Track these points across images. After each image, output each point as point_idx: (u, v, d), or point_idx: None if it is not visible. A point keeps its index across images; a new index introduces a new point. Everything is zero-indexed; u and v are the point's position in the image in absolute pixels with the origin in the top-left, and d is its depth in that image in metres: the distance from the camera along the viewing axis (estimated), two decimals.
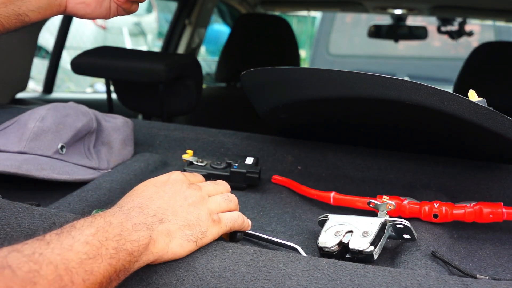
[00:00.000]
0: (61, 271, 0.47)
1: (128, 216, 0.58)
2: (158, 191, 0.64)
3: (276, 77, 0.95)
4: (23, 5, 0.69)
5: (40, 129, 0.95)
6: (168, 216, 0.61)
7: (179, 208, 0.63)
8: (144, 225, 0.58)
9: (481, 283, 0.59)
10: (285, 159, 1.11)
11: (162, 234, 0.59)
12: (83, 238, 0.51)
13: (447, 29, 3.36)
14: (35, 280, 0.45)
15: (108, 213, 0.57)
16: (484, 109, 0.79)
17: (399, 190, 1.00)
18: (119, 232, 0.54)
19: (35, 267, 0.45)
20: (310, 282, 0.58)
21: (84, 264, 0.49)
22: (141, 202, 0.62)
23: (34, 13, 0.71)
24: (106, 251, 0.52)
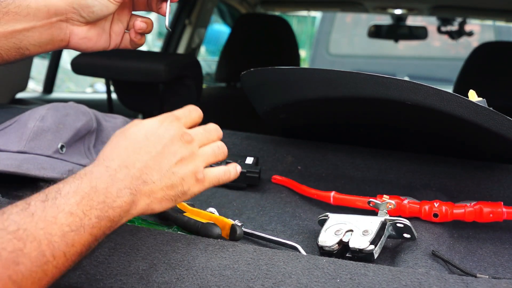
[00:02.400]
0: (44, 247, 0.48)
1: (114, 179, 0.57)
2: (148, 144, 0.62)
3: (276, 77, 0.95)
4: (24, 39, 0.68)
5: (40, 129, 0.95)
6: (153, 176, 0.60)
7: (165, 166, 0.62)
8: (129, 190, 0.58)
9: (481, 282, 0.59)
10: (285, 159, 1.11)
11: (145, 195, 0.59)
12: (67, 208, 0.51)
13: (447, 29, 3.36)
14: (19, 259, 0.45)
15: (95, 175, 0.56)
16: (484, 109, 0.79)
17: (399, 190, 1.00)
18: (103, 199, 0.54)
19: (19, 245, 0.46)
20: (310, 280, 0.58)
21: (66, 237, 0.50)
22: (128, 158, 0.60)
23: (35, 47, 0.70)
24: (89, 221, 0.52)
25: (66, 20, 0.71)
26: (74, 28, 0.72)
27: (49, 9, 0.69)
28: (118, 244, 0.64)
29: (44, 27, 0.69)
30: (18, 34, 0.68)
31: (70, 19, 0.71)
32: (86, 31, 0.74)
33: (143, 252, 0.63)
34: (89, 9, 0.71)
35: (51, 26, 0.70)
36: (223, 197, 0.94)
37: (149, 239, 0.65)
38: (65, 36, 0.72)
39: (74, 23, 0.72)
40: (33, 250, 0.47)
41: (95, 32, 0.75)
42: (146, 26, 0.78)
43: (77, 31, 0.73)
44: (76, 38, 0.73)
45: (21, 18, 0.67)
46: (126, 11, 0.78)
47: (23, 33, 0.68)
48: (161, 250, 0.63)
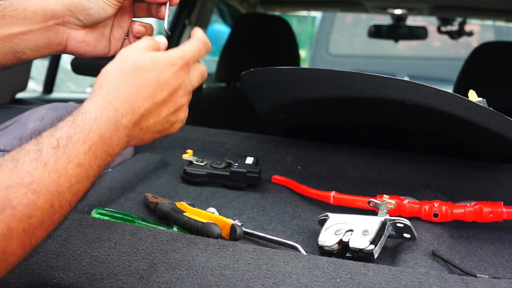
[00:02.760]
0: (54, 199, 0.50)
1: (118, 127, 0.59)
2: (156, 90, 0.62)
3: (276, 77, 0.95)
4: (21, 43, 0.68)
5: (40, 129, 0.95)
6: (149, 122, 0.62)
7: (163, 114, 0.64)
8: (127, 138, 0.60)
9: (481, 282, 0.59)
10: (285, 159, 1.11)
11: (136, 139, 0.62)
12: (76, 160, 0.53)
13: (447, 29, 3.36)
14: (32, 213, 0.48)
15: (104, 121, 0.57)
16: (484, 109, 0.79)
17: (399, 190, 1.00)
18: (106, 149, 0.57)
19: (33, 198, 0.48)
20: (310, 280, 0.58)
21: (72, 188, 0.52)
22: (136, 102, 0.61)
23: (32, 51, 0.69)
24: (92, 171, 0.55)
25: (63, 24, 0.70)
26: (71, 31, 0.71)
27: (46, 12, 0.68)
28: (118, 244, 0.64)
29: (40, 30, 0.68)
30: (14, 37, 0.67)
31: (67, 23, 0.70)
32: (83, 35, 0.73)
33: (143, 252, 0.63)
34: (86, 12, 0.70)
35: (48, 29, 0.69)
36: (223, 197, 0.94)
37: (149, 239, 0.65)
38: (62, 39, 0.71)
39: (71, 27, 0.71)
40: (45, 202, 0.49)
41: (93, 36, 0.74)
42: (144, 30, 0.77)
43: (75, 35, 0.72)
44: (74, 42, 0.72)
45: (18, 22, 0.67)
46: (127, 17, 0.77)
47: (20, 37, 0.67)
48: (161, 250, 0.63)
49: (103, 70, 0.63)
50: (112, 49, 0.76)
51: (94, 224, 0.68)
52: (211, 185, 0.99)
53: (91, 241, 0.65)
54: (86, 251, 0.63)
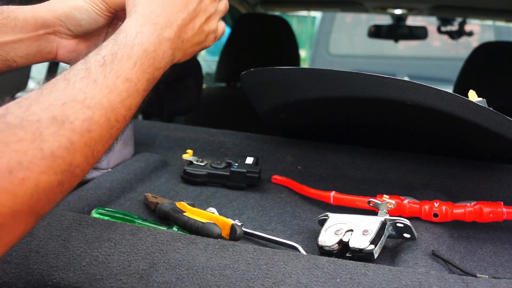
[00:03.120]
0: (109, 113, 0.52)
1: (161, 40, 0.60)
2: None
3: (276, 77, 0.95)
4: (11, 51, 0.67)
5: None
6: (188, 34, 0.64)
7: (198, 24, 0.65)
8: (171, 51, 0.61)
9: (481, 282, 0.59)
10: (285, 159, 1.12)
11: (180, 52, 0.64)
12: (123, 74, 0.54)
13: (447, 29, 3.35)
14: (91, 127, 0.50)
15: (145, 35, 0.58)
16: (484, 109, 0.79)
17: (399, 190, 1.00)
18: (152, 62, 0.58)
19: (89, 113, 0.50)
20: (310, 280, 0.58)
21: (125, 102, 0.54)
22: (172, 14, 0.62)
23: (22, 59, 0.69)
24: (141, 85, 0.57)
25: (54, 33, 0.70)
26: (62, 41, 0.71)
27: (36, 21, 0.68)
28: (118, 244, 0.64)
29: (31, 39, 0.68)
30: (5, 46, 0.67)
31: (57, 32, 0.70)
32: (75, 45, 0.72)
33: (143, 252, 0.63)
34: (76, 22, 0.69)
35: (38, 38, 0.68)
36: (223, 197, 0.94)
37: (149, 239, 0.65)
38: (53, 48, 0.71)
39: (62, 36, 0.70)
40: (101, 117, 0.51)
41: (85, 46, 0.73)
42: None
43: (65, 44, 0.71)
44: (64, 51, 0.71)
45: (8, 30, 0.66)
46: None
47: (10, 45, 0.67)
48: (161, 250, 0.63)
49: None
50: None
51: (94, 224, 0.68)
52: (211, 185, 0.99)
53: (91, 241, 0.65)
54: (86, 251, 0.63)
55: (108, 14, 0.70)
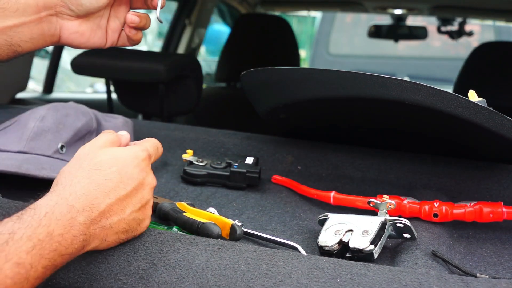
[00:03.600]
0: None
1: (73, 225, 0.53)
2: (119, 184, 0.59)
3: (276, 77, 0.95)
4: (15, 36, 0.67)
5: (40, 129, 0.95)
6: (112, 220, 0.58)
7: (128, 211, 0.60)
8: (83, 236, 0.54)
9: (481, 282, 0.59)
10: (285, 159, 1.12)
11: (97, 239, 0.57)
12: (15, 258, 0.47)
13: (447, 29, 3.36)
14: None
15: (55, 216, 0.52)
16: (484, 109, 0.79)
17: (399, 190, 1.00)
18: (56, 247, 0.51)
19: None
20: (310, 280, 0.58)
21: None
22: (96, 199, 0.56)
23: (27, 43, 0.68)
24: (35, 273, 0.49)
25: (56, 14, 0.70)
26: (64, 22, 0.71)
27: (37, 3, 0.68)
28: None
29: (33, 22, 0.68)
30: (8, 30, 0.66)
31: (59, 13, 0.70)
32: (77, 26, 0.72)
33: (143, 252, 0.63)
34: (77, 2, 0.69)
35: (41, 20, 0.68)
36: (223, 197, 0.94)
37: (149, 239, 0.65)
38: (56, 31, 0.71)
39: (64, 17, 0.70)
40: None
41: (87, 27, 0.73)
42: (138, 20, 0.75)
43: (68, 26, 0.71)
44: (67, 33, 0.71)
45: (11, 14, 0.66)
46: (123, 7, 0.76)
47: (14, 29, 0.67)
48: (161, 250, 0.63)
49: (61, 171, 0.60)
50: (109, 40, 0.75)
51: None
52: (211, 185, 0.99)
53: None
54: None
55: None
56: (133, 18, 0.75)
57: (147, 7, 0.78)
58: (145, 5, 0.77)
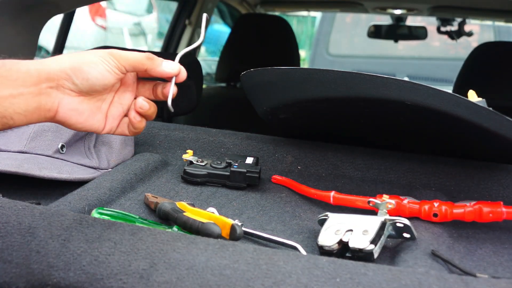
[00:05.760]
0: None
1: None
2: None
3: (276, 77, 0.96)
4: (10, 107, 0.62)
5: (41, 129, 0.95)
6: None
7: None
8: None
9: (481, 282, 0.59)
10: (285, 159, 1.12)
11: None
12: None
13: (447, 29, 3.36)
14: None
15: None
16: (484, 109, 0.79)
17: (399, 189, 1.00)
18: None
19: None
20: (310, 280, 0.58)
21: None
22: None
23: (20, 116, 0.63)
24: None
25: (57, 87, 0.64)
26: (64, 97, 0.65)
27: (39, 74, 0.63)
28: (118, 244, 0.64)
29: (31, 94, 0.63)
30: (4, 101, 0.61)
31: (61, 86, 0.65)
32: (77, 103, 0.66)
33: (143, 252, 0.63)
34: (83, 76, 0.65)
35: (39, 93, 0.63)
36: (223, 197, 0.95)
37: (149, 239, 0.65)
38: (53, 105, 0.65)
39: (64, 91, 0.65)
40: None
41: (87, 107, 0.67)
42: (148, 107, 0.70)
43: (67, 101, 0.65)
44: (65, 109, 0.66)
45: (10, 83, 0.62)
46: (129, 94, 0.71)
47: (9, 100, 0.62)
48: (161, 250, 0.63)
49: None
50: (107, 126, 0.70)
51: (94, 224, 0.68)
52: (211, 185, 0.99)
53: (91, 241, 0.65)
54: (86, 251, 0.63)
55: (117, 72, 0.66)
56: (143, 104, 0.70)
57: (155, 97, 0.73)
58: (152, 94, 0.73)
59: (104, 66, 0.65)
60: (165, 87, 0.71)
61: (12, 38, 1.49)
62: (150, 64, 0.69)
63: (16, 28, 1.33)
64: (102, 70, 0.65)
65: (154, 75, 0.70)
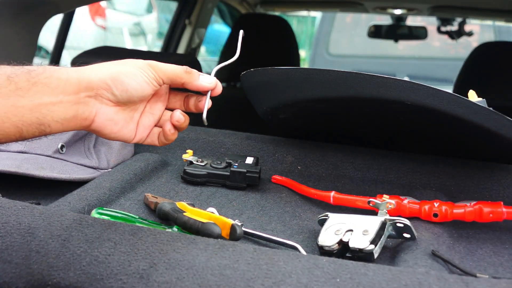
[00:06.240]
0: None
1: None
2: None
3: (276, 77, 0.96)
4: (48, 114, 0.61)
5: None
6: None
7: None
8: None
9: (481, 282, 0.59)
10: (285, 159, 1.12)
11: None
12: None
13: (447, 29, 3.36)
14: None
15: None
16: (484, 109, 0.79)
17: (399, 189, 1.00)
18: None
19: None
20: (310, 280, 0.58)
21: None
22: None
23: (57, 124, 0.62)
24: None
25: (95, 97, 0.64)
26: (102, 106, 0.65)
27: (79, 83, 0.63)
28: (118, 244, 0.64)
29: (70, 102, 0.63)
30: (43, 108, 0.61)
31: (99, 96, 0.64)
32: (113, 113, 0.66)
33: (143, 252, 0.63)
34: (123, 87, 0.65)
35: (78, 101, 0.63)
36: (223, 197, 0.94)
37: (149, 239, 0.65)
38: (90, 114, 0.65)
39: (102, 101, 0.65)
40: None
41: (122, 117, 0.68)
42: (183, 120, 0.71)
43: (105, 111, 0.66)
44: (102, 118, 0.66)
45: (50, 91, 0.61)
46: (160, 105, 0.72)
47: (49, 107, 0.61)
48: (161, 250, 0.63)
49: None
50: (138, 135, 0.71)
51: (94, 224, 0.68)
52: (211, 185, 0.99)
53: (91, 241, 0.65)
54: (86, 251, 0.63)
55: (155, 84, 0.67)
56: (180, 117, 0.71)
57: (186, 109, 0.73)
58: (183, 105, 0.73)
59: (143, 78, 0.66)
60: (200, 100, 0.72)
61: (12, 38, 1.49)
62: (187, 78, 0.69)
63: (16, 28, 1.33)
64: (141, 81, 0.66)
65: (191, 88, 0.70)
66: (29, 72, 0.60)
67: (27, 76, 0.60)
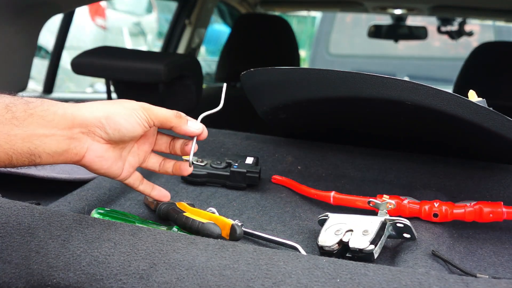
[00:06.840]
0: None
1: None
2: None
3: (276, 77, 0.95)
4: (40, 146, 0.63)
5: None
6: None
7: None
8: None
9: (481, 282, 0.59)
10: (285, 159, 1.12)
11: None
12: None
13: (447, 29, 3.36)
14: None
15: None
16: (484, 109, 0.79)
17: (399, 190, 1.00)
18: None
19: None
20: (310, 280, 0.58)
21: None
22: None
23: (48, 156, 0.64)
24: None
25: (88, 134, 0.67)
26: (93, 143, 0.67)
27: (74, 118, 0.65)
28: (118, 244, 0.64)
29: (63, 136, 0.64)
30: (36, 139, 0.63)
31: (92, 133, 0.67)
32: (104, 151, 0.69)
33: (143, 252, 0.63)
34: (116, 126, 0.67)
35: (71, 137, 0.65)
36: (223, 197, 0.94)
37: (149, 239, 0.65)
38: (82, 149, 0.67)
39: (95, 138, 0.67)
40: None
41: (112, 154, 0.70)
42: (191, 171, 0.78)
43: (96, 148, 0.68)
44: (92, 155, 0.68)
45: (45, 123, 0.63)
46: (147, 146, 0.75)
47: (41, 139, 0.63)
48: (161, 250, 0.63)
49: None
50: (123, 173, 0.73)
51: (94, 224, 0.68)
52: (211, 185, 0.99)
53: (91, 241, 0.65)
54: (86, 251, 0.63)
55: (146, 125, 0.69)
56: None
57: (169, 152, 0.77)
58: (168, 148, 0.77)
59: (135, 119, 0.68)
60: (187, 144, 0.76)
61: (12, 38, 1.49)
62: (177, 122, 0.72)
63: (15, 28, 1.33)
64: (133, 122, 0.68)
65: (179, 132, 0.73)
66: (27, 104, 0.62)
67: (24, 107, 0.62)
